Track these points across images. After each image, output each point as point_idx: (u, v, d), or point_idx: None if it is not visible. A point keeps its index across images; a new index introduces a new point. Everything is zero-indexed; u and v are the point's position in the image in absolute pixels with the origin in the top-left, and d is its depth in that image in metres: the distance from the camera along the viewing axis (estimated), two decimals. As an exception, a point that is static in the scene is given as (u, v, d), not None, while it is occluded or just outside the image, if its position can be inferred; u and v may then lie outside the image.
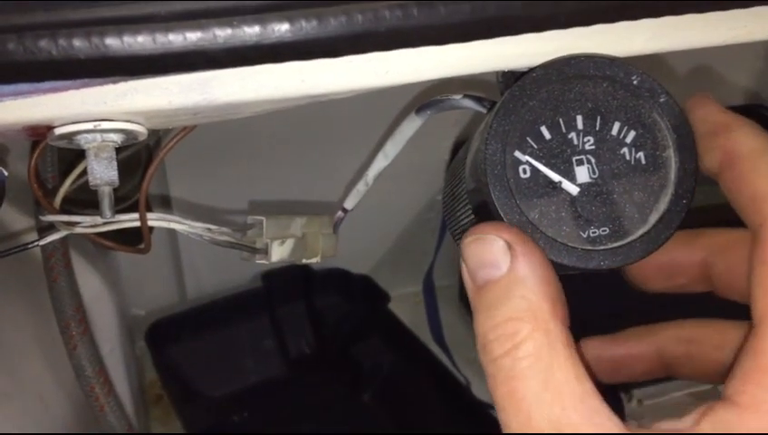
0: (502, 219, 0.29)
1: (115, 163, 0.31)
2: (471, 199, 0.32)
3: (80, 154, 0.33)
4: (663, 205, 0.30)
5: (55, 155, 0.54)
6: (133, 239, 0.46)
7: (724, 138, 0.28)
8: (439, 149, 0.91)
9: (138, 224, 0.39)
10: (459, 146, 0.95)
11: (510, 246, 0.26)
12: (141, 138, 0.32)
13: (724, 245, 0.31)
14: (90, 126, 0.29)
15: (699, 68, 0.87)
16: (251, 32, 0.25)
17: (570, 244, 0.29)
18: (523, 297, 0.25)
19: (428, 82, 0.30)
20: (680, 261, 0.32)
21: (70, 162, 0.54)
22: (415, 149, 0.42)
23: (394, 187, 0.64)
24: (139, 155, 0.70)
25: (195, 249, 0.94)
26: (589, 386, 0.24)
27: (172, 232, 0.42)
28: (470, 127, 0.89)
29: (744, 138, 0.27)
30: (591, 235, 0.30)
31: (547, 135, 0.30)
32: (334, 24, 0.25)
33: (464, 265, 0.27)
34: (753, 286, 0.24)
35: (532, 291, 0.25)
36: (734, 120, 0.28)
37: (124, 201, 0.63)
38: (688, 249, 0.32)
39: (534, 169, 0.30)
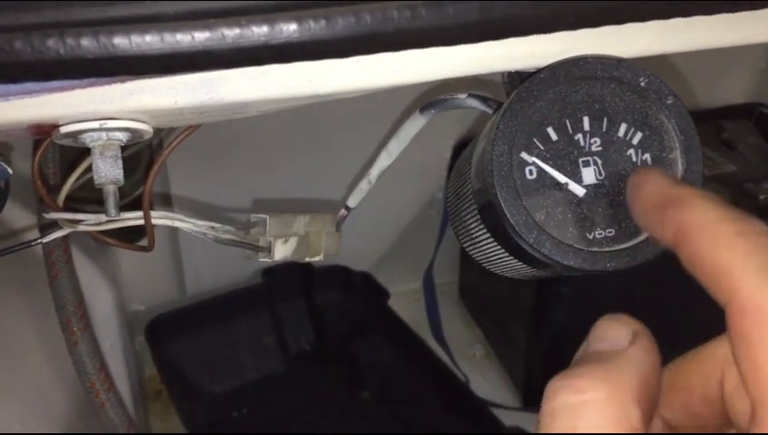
0: (508, 220, 0.29)
1: (120, 162, 0.31)
2: (476, 200, 0.32)
3: (82, 151, 0.33)
4: (669, 207, 0.30)
5: (57, 152, 0.54)
6: (132, 235, 0.46)
7: (677, 210, 0.25)
8: (440, 148, 0.91)
9: (141, 222, 0.39)
10: (461, 144, 0.96)
11: (635, 335, 0.25)
12: (147, 136, 0.31)
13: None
14: (96, 125, 0.29)
15: (701, 67, 0.87)
16: (259, 32, 0.25)
17: (576, 245, 0.29)
18: (617, 368, 0.23)
19: (435, 81, 0.30)
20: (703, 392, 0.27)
21: (71, 159, 0.54)
22: (416, 147, 0.42)
23: (395, 184, 0.64)
24: (139, 152, 0.69)
25: (195, 245, 0.94)
26: None
27: (172, 228, 0.42)
28: (472, 125, 0.89)
29: (698, 209, 0.25)
30: (597, 236, 0.29)
31: (554, 136, 0.30)
32: (342, 24, 0.25)
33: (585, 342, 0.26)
34: (741, 370, 0.22)
35: (630, 371, 0.23)
36: (686, 192, 0.26)
37: (124, 198, 0.63)
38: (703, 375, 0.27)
39: (541, 171, 0.29)
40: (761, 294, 0.22)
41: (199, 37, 0.25)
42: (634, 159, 0.30)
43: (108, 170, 0.31)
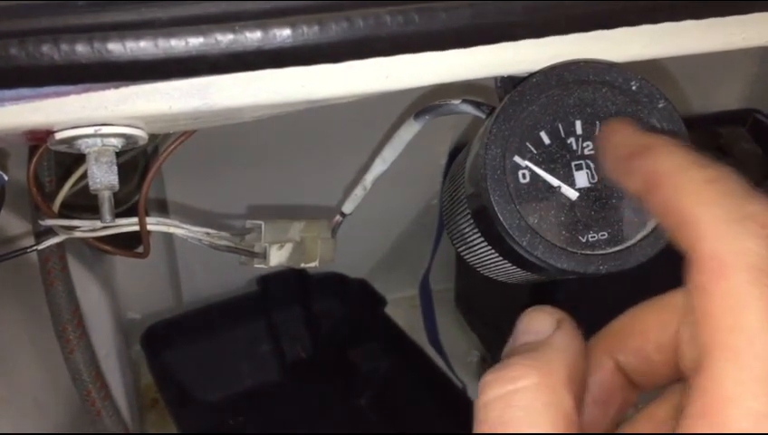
0: (501, 223, 0.29)
1: (115, 168, 0.31)
2: (470, 204, 0.32)
3: (78, 158, 0.33)
4: (661, 210, 0.30)
5: (52, 159, 0.54)
6: (127, 242, 0.46)
7: (645, 158, 0.25)
8: (436, 154, 0.91)
9: (136, 228, 0.39)
10: (456, 150, 0.96)
11: (558, 323, 0.25)
12: (141, 142, 0.32)
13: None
14: (90, 131, 0.29)
15: (695, 73, 0.87)
16: (252, 37, 0.25)
17: (569, 248, 0.29)
18: (546, 355, 0.23)
19: (428, 87, 0.30)
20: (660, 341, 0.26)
21: (67, 166, 0.54)
22: (411, 154, 0.42)
23: (390, 191, 0.65)
24: (134, 159, 0.70)
25: (191, 253, 0.94)
26: None
27: (168, 236, 0.42)
28: (467, 131, 0.89)
29: (667, 155, 0.24)
30: (590, 239, 0.30)
31: (546, 140, 0.30)
32: (336, 29, 0.25)
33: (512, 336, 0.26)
34: (696, 316, 0.21)
35: (558, 357, 0.23)
36: (653, 140, 0.25)
37: (119, 205, 0.63)
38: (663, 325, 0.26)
39: (534, 174, 0.30)
40: (722, 246, 0.21)
41: (193, 43, 0.25)
42: None
43: (103, 176, 0.31)
